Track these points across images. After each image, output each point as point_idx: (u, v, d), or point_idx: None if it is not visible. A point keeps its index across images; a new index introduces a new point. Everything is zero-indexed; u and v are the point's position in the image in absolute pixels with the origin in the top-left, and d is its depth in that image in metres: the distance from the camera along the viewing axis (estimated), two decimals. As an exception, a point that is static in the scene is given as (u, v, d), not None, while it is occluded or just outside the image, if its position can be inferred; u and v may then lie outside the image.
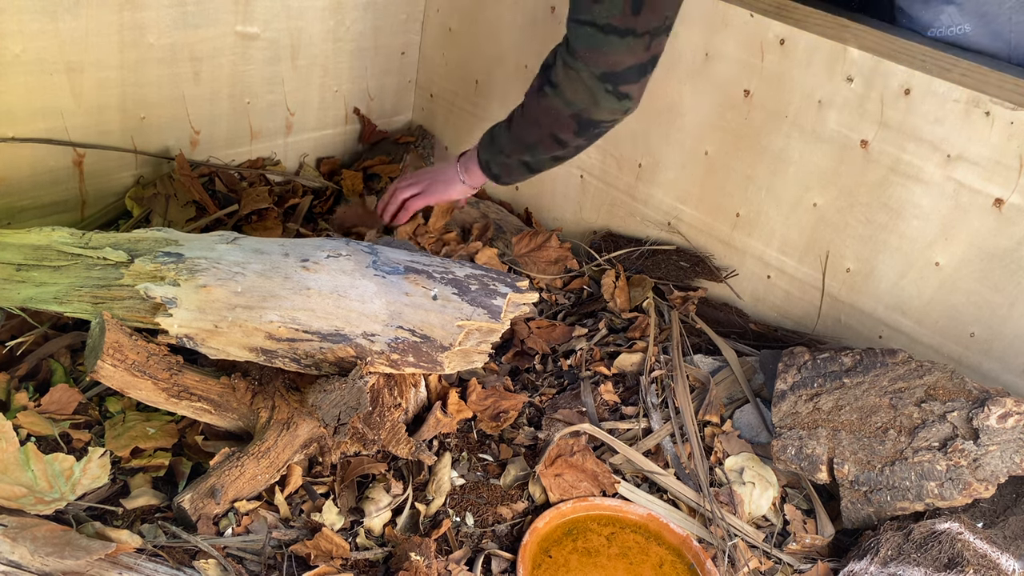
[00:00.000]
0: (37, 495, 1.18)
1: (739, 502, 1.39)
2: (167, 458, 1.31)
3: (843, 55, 1.48)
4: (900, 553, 1.25)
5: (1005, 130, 1.36)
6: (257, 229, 1.80)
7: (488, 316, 1.35)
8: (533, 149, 1.50)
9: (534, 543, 1.28)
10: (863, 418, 1.39)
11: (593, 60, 1.34)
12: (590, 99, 1.38)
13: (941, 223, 1.47)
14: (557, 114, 1.42)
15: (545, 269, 1.85)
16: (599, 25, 1.31)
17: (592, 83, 1.36)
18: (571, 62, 1.36)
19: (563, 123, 1.43)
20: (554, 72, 1.40)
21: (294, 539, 1.23)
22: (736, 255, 1.75)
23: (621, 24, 1.30)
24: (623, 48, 1.32)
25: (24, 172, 1.65)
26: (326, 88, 2.01)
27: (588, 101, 1.38)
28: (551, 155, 1.51)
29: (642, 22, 1.30)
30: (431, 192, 1.72)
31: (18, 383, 1.36)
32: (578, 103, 1.39)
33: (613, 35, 1.31)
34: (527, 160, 1.53)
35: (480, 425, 1.47)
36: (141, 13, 1.64)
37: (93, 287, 1.25)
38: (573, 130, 1.44)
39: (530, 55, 1.92)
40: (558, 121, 1.43)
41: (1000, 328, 1.46)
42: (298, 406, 1.29)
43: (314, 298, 1.26)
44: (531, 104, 1.46)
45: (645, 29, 1.31)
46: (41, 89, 1.59)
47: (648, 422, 1.51)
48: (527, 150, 1.51)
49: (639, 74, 1.37)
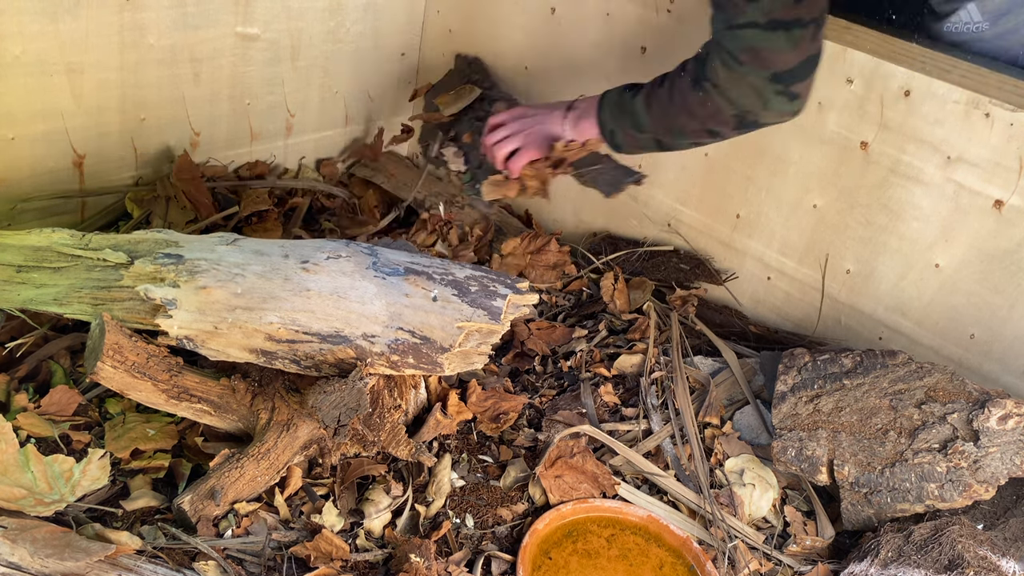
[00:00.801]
0: (37, 497, 1.18)
1: (739, 504, 1.39)
2: (167, 460, 1.31)
3: (843, 56, 1.48)
4: (900, 555, 1.25)
5: (1005, 132, 1.36)
6: (257, 231, 1.81)
7: (488, 317, 1.35)
8: (678, 133, 1.43)
9: (534, 545, 1.28)
10: (863, 420, 1.39)
11: (760, 62, 1.27)
12: (758, 102, 1.31)
13: (941, 224, 1.47)
14: (717, 111, 1.34)
15: (543, 274, 1.84)
16: (761, 24, 1.24)
17: (762, 85, 1.29)
18: (734, 65, 1.29)
19: (723, 120, 1.36)
20: (711, 70, 1.32)
21: (294, 541, 1.23)
22: (736, 256, 1.75)
23: (786, 16, 1.23)
24: (790, 43, 1.25)
25: (24, 173, 1.65)
26: (326, 89, 2.01)
27: (756, 104, 1.31)
28: (694, 141, 1.44)
29: (806, 9, 1.24)
30: (533, 146, 1.59)
31: (18, 384, 1.36)
32: (744, 105, 1.32)
33: (780, 30, 1.24)
34: (664, 140, 1.45)
35: (480, 427, 1.47)
36: (141, 14, 1.63)
37: (93, 288, 1.25)
38: (732, 127, 1.37)
39: (530, 55, 1.92)
40: (716, 117, 1.36)
41: (1000, 329, 1.46)
42: (298, 407, 1.29)
43: (314, 299, 1.26)
44: (683, 93, 1.38)
45: (810, 17, 1.24)
46: (41, 90, 1.59)
47: (648, 424, 1.51)
48: (669, 133, 1.44)
49: (809, 69, 1.30)
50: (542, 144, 1.58)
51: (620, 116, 1.48)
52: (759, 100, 1.31)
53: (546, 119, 1.59)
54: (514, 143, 1.60)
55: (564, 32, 1.84)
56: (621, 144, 1.50)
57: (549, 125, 1.58)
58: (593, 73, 1.82)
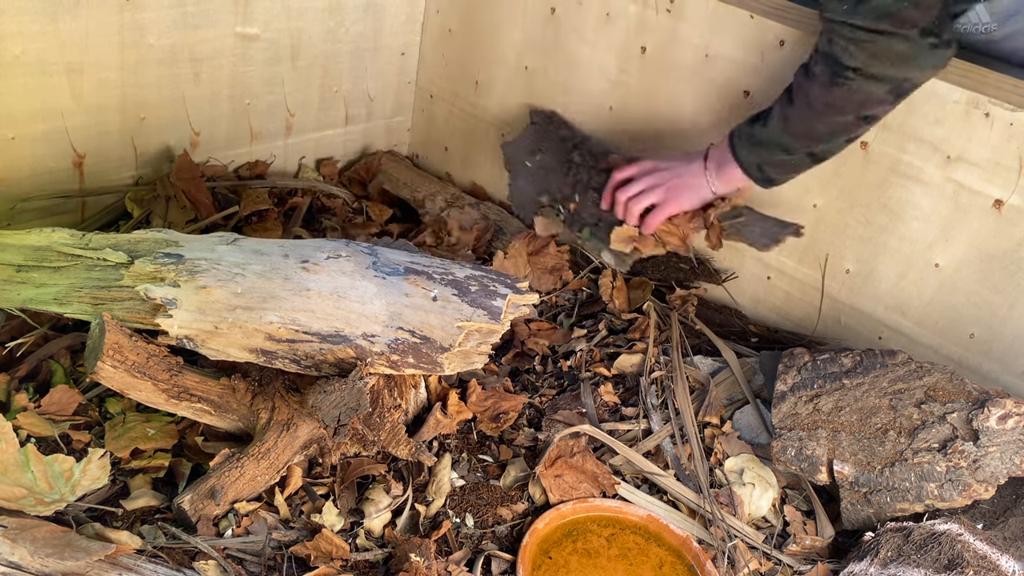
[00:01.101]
0: (37, 496, 1.18)
1: (739, 503, 1.39)
2: (167, 459, 1.31)
3: (843, 56, 1.48)
4: (900, 554, 1.25)
5: (1005, 131, 1.36)
6: (257, 230, 1.81)
7: (488, 317, 1.35)
8: (831, 136, 1.38)
9: (534, 544, 1.28)
10: (863, 419, 1.39)
11: (902, 22, 1.23)
12: (912, 65, 1.27)
13: (941, 224, 1.47)
14: (868, 95, 1.31)
15: (541, 278, 1.83)
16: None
17: (911, 47, 1.25)
18: (874, 39, 1.25)
19: (878, 100, 1.32)
20: (848, 57, 1.28)
21: (294, 540, 1.23)
22: (736, 256, 1.75)
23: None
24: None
25: (24, 172, 1.65)
26: (326, 89, 2.01)
27: (909, 68, 1.27)
28: (850, 136, 1.39)
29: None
30: (674, 201, 1.52)
31: (18, 384, 1.36)
32: (896, 74, 1.28)
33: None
34: (817, 150, 1.41)
35: (480, 426, 1.47)
36: (141, 14, 1.64)
37: (93, 288, 1.25)
38: (890, 102, 1.33)
39: (530, 55, 1.92)
40: (870, 101, 1.32)
41: (1000, 329, 1.46)
42: (298, 407, 1.29)
43: (314, 299, 1.26)
44: (823, 95, 1.34)
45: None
46: (41, 90, 1.59)
47: (648, 423, 1.51)
48: (821, 140, 1.39)
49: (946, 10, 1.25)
50: (684, 198, 1.52)
51: (760, 147, 1.43)
52: (912, 62, 1.27)
53: (684, 172, 1.53)
54: (651, 198, 1.54)
55: (566, 32, 1.84)
56: (773, 176, 1.46)
57: (689, 178, 1.52)
58: (593, 73, 1.82)
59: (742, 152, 1.46)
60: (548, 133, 1.85)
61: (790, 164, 1.44)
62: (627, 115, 1.80)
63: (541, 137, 1.85)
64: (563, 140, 1.82)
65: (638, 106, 1.78)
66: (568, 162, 1.78)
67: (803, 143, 1.40)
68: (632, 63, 1.75)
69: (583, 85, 1.85)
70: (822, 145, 1.40)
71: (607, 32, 1.77)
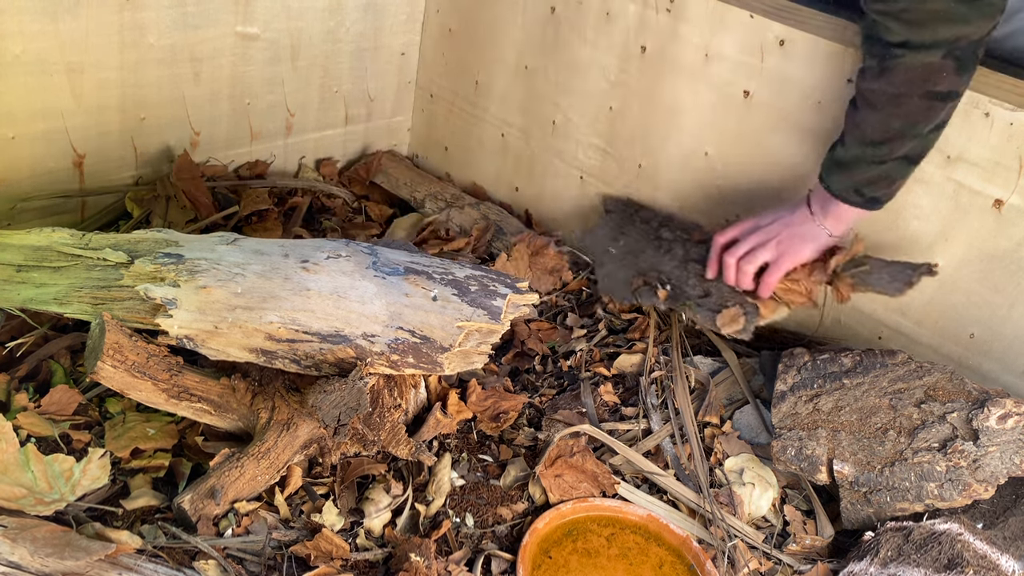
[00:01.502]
0: (37, 496, 1.18)
1: (739, 503, 1.39)
2: (167, 459, 1.31)
3: (843, 56, 1.48)
4: (900, 554, 1.25)
5: (1005, 131, 1.36)
6: (257, 230, 1.81)
7: (488, 317, 1.35)
8: (912, 128, 1.30)
9: (534, 544, 1.29)
10: (863, 419, 1.39)
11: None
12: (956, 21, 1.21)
13: (941, 224, 1.47)
14: (924, 68, 1.25)
15: (541, 278, 1.83)
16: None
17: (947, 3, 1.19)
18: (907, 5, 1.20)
19: (937, 69, 1.25)
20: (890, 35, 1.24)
21: (294, 540, 1.23)
22: (736, 256, 1.74)
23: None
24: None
25: (24, 172, 1.65)
26: (326, 89, 2.01)
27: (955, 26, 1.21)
28: (936, 123, 1.31)
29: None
30: (790, 254, 1.44)
31: (18, 384, 1.37)
32: (944, 35, 1.22)
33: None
34: (909, 149, 1.32)
35: (480, 426, 1.47)
36: (141, 14, 1.64)
37: (93, 288, 1.25)
38: (951, 69, 1.25)
39: (530, 55, 1.92)
40: (929, 75, 1.25)
41: (1000, 329, 1.46)
42: (298, 407, 1.29)
43: (314, 299, 1.26)
44: (879, 88, 1.29)
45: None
46: (41, 90, 1.59)
47: (648, 423, 1.51)
48: (901, 138, 1.31)
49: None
50: (801, 249, 1.44)
51: (849, 169, 1.37)
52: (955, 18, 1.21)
53: (791, 221, 1.45)
54: (764, 255, 1.46)
55: (565, 31, 1.84)
56: (875, 195, 1.37)
57: (799, 227, 1.44)
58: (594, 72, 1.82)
59: (833, 181, 1.38)
60: (627, 218, 1.81)
61: (886, 175, 1.35)
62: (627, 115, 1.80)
63: (620, 223, 1.81)
64: (645, 221, 1.78)
65: (638, 106, 1.78)
66: (658, 239, 1.72)
67: (886, 147, 1.32)
68: (632, 63, 1.75)
69: (583, 85, 1.85)
70: (908, 142, 1.32)
71: (607, 32, 1.77)
